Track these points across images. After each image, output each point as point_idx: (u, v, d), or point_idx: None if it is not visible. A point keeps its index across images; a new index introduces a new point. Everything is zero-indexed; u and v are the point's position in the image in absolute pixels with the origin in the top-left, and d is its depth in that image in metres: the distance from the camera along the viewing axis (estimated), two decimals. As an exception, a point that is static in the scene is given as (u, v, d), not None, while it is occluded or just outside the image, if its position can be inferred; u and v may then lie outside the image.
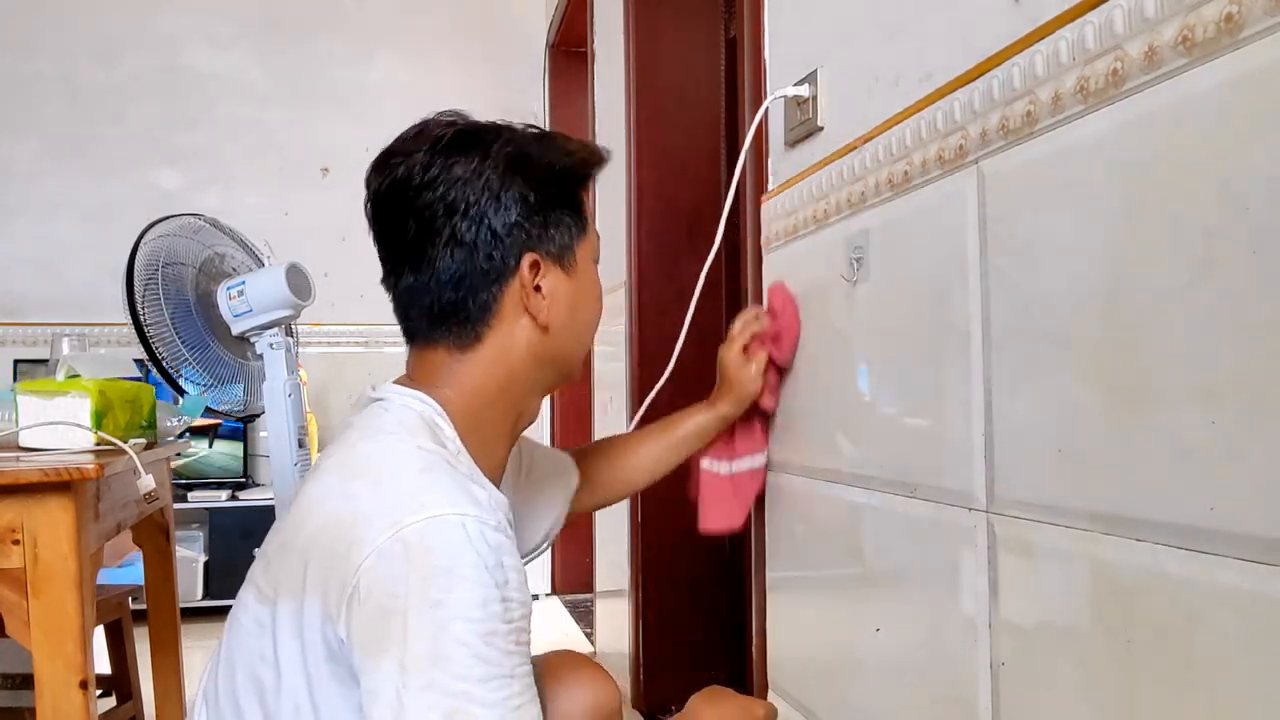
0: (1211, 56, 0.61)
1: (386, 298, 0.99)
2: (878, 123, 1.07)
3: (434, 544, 0.78)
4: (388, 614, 0.77)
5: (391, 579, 0.77)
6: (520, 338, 0.94)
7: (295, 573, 0.83)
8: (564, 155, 0.97)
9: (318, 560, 0.82)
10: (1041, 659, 0.79)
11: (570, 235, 0.96)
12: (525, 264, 0.93)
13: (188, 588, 3.19)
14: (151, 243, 1.75)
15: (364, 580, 0.78)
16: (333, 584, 0.80)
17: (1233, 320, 0.60)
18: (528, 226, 0.93)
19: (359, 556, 0.78)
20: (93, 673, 1.25)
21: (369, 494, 0.83)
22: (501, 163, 0.92)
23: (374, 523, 0.79)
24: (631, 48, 2.42)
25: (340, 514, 0.82)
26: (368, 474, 0.85)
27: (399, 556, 0.77)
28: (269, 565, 0.88)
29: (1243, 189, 0.59)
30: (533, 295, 0.93)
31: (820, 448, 1.23)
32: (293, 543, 0.86)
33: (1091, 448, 0.73)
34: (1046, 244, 0.78)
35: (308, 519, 0.86)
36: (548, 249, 0.94)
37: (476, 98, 4.05)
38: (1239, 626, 0.59)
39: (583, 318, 1.00)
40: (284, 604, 0.84)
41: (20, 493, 1.21)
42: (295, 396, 1.76)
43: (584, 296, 0.99)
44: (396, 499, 0.81)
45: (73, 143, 3.73)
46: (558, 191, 0.95)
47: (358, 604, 0.78)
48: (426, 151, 0.92)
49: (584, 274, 0.98)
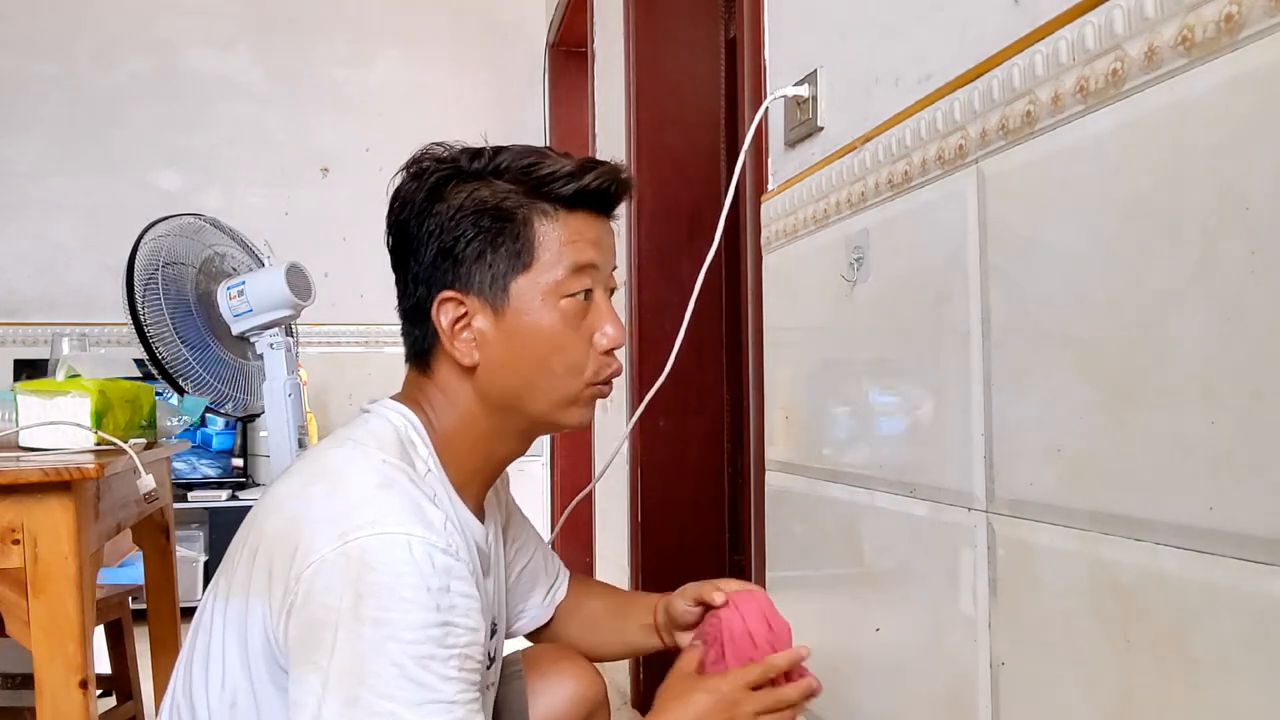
0: (1211, 56, 0.61)
1: (386, 298, 0.99)
2: (878, 123, 1.07)
3: (376, 560, 0.76)
4: (320, 625, 0.76)
5: (329, 590, 0.76)
6: (449, 377, 0.91)
7: (247, 572, 0.83)
8: (509, 185, 0.89)
9: (268, 562, 0.81)
10: (1041, 659, 0.79)
11: (501, 271, 0.87)
12: (437, 302, 0.89)
13: (188, 588, 3.18)
14: (151, 243, 1.75)
15: (303, 588, 0.77)
16: (277, 586, 0.79)
17: (1233, 320, 0.60)
18: (444, 261, 0.89)
19: (303, 563, 0.77)
20: (93, 673, 1.25)
21: (323, 499, 0.81)
22: (424, 192, 0.90)
23: (321, 531, 0.78)
24: (631, 48, 2.42)
25: (294, 517, 0.81)
26: (326, 478, 0.84)
27: (339, 569, 0.76)
28: (226, 563, 0.88)
29: (1243, 189, 0.59)
30: (453, 333, 0.89)
31: (820, 447, 1.23)
32: (249, 541, 0.85)
33: (1091, 447, 0.73)
34: (1046, 244, 0.78)
35: (267, 520, 0.85)
36: (469, 286, 0.88)
37: (476, 98, 4.09)
38: (1239, 626, 0.59)
39: (526, 357, 0.89)
40: (234, 601, 0.84)
41: (20, 492, 1.21)
42: (295, 396, 1.76)
43: (525, 336, 0.88)
44: (347, 509, 0.79)
45: (73, 143, 3.73)
46: (483, 216, 0.88)
47: (295, 611, 0.78)
48: (405, 175, 0.93)
49: (524, 314, 0.88)
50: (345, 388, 3.87)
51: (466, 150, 0.92)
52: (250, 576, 0.83)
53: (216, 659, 0.85)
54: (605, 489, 2.75)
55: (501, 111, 4.03)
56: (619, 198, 0.94)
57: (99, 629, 1.95)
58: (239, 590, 0.84)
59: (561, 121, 3.77)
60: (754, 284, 1.46)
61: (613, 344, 0.92)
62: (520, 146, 0.92)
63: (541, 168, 0.89)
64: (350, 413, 3.88)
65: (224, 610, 0.85)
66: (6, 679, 1.97)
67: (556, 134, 3.78)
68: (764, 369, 1.44)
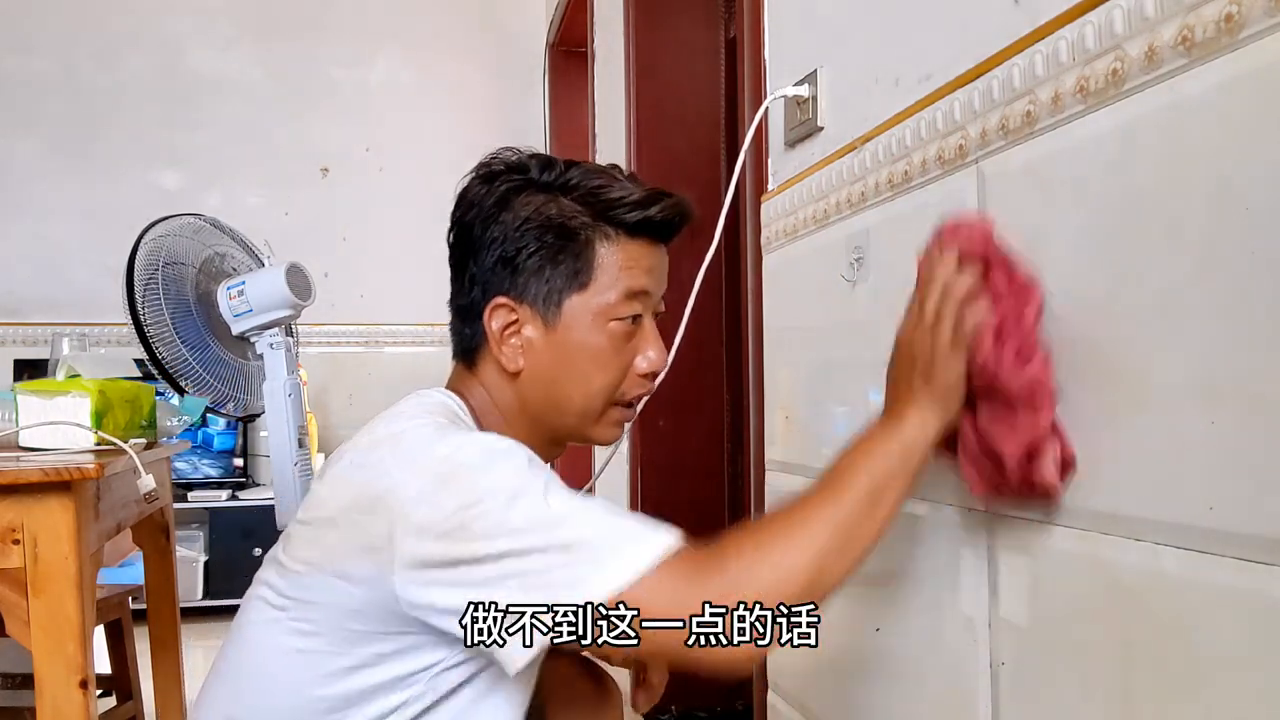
0: (1211, 56, 0.61)
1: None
2: (878, 123, 1.07)
3: (465, 458, 0.79)
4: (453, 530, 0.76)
5: (439, 505, 0.76)
6: (493, 377, 0.94)
7: (328, 542, 0.82)
8: (574, 193, 0.91)
9: (353, 528, 0.80)
10: (1041, 659, 0.79)
11: (558, 286, 0.90)
12: (490, 306, 0.92)
13: (188, 588, 3.18)
14: (151, 242, 1.75)
15: (414, 520, 0.77)
16: (376, 539, 0.78)
17: (1233, 320, 0.60)
18: (504, 268, 0.91)
19: (399, 505, 0.77)
20: (93, 673, 1.25)
21: (391, 457, 0.82)
22: (493, 198, 0.92)
23: (404, 474, 0.79)
24: (631, 48, 2.42)
25: (368, 480, 0.81)
26: (386, 443, 0.84)
27: (437, 487, 0.77)
28: (290, 542, 0.87)
29: (1242, 189, 0.59)
30: (501, 338, 0.92)
31: (820, 447, 1.23)
32: (319, 517, 0.85)
33: (1091, 447, 0.73)
34: (1046, 244, 0.78)
35: (334, 494, 0.85)
36: (524, 295, 0.91)
37: (476, 98, 4.09)
38: (1239, 626, 0.59)
39: (568, 371, 0.91)
40: (314, 574, 0.82)
41: (20, 492, 1.21)
42: (295, 396, 1.76)
43: (571, 351, 0.91)
44: (418, 450, 0.81)
45: (73, 143, 3.73)
46: (548, 232, 0.90)
47: (414, 543, 0.76)
48: (474, 177, 0.96)
49: (573, 331, 0.91)
50: (345, 388, 3.87)
51: (537, 159, 0.94)
52: (337, 545, 0.81)
53: (299, 633, 0.83)
54: (605, 488, 2.75)
55: (501, 111, 4.03)
56: (680, 229, 0.97)
57: (99, 629, 1.95)
58: (321, 561, 0.82)
59: (561, 121, 3.76)
60: (754, 284, 1.46)
61: (653, 368, 0.95)
62: (591, 165, 0.95)
63: (611, 191, 0.91)
64: (350, 413, 3.89)
65: (298, 585, 0.83)
66: (6, 679, 1.97)
67: (556, 134, 3.78)
68: (764, 369, 1.44)
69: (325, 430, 3.71)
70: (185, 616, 2.10)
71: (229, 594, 3.20)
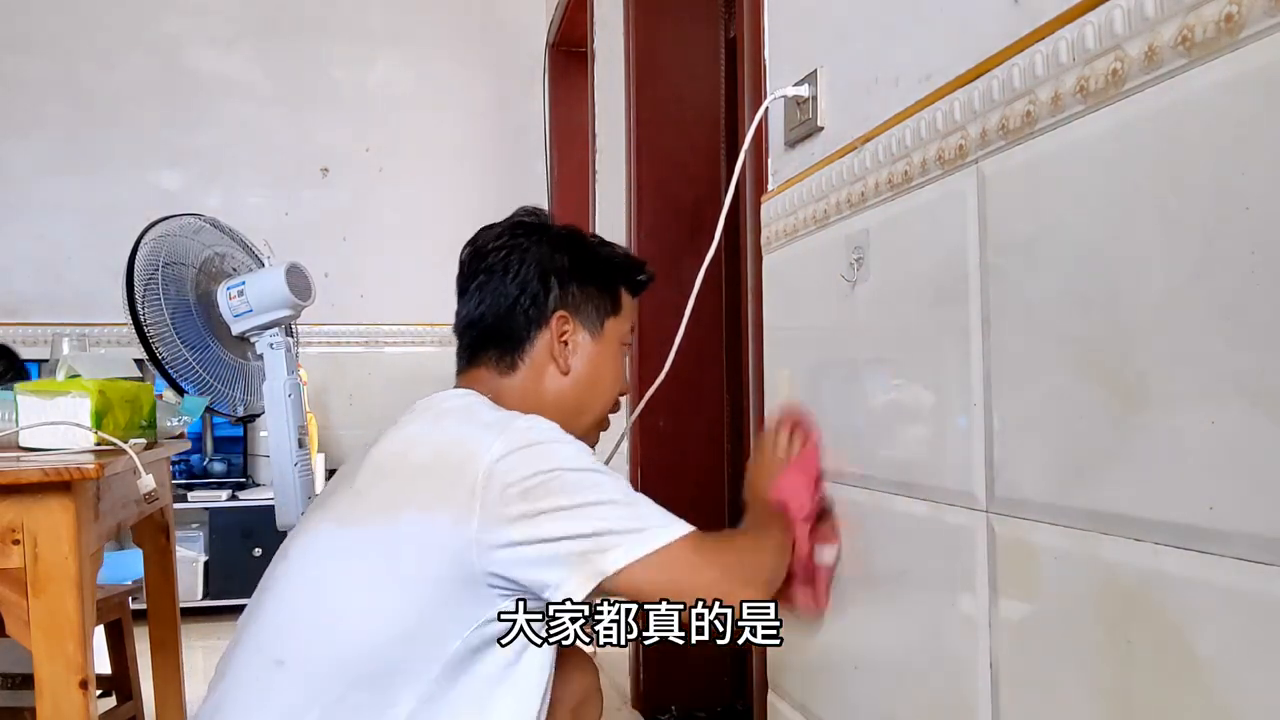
0: (1211, 56, 0.61)
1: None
2: (878, 123, 1.07)
3: (542, 429, 0.98)
4: (531, 490, 0.92)
5: (524, 465, 0.93)
6: (545, 376, 1.13)
7: (405, 493, 0.95)
8: (608, 252, 1.20)
9: (435, 480, 0.94)
10: (1041, 659, 0.79)
11: (603, 309, 1.17)
12: (555, 316, 1.13)
13: (188, 588, 3.18)
14: (151, 243, 1.75)
15: (499, 478, 0.92)
16: (458, 490, 0.92)
17: (1232, 320, 0.60)
18: (565, 290, 1.14)
19: (484, 461, 0.93)
20: (93, 673, 1.25)
21: (464, 426, 0.99)
22: (558, 237, 1.17)
23: (482, 438, 0.95)
24: (631, 48, 2.42)
25: (453, 440, 0.97)
26: (457, 414, 1.02)
27: (522, 448, 0.94)
28: (359, 498, 0.99)
29: (1243, 189, 0.59)
30: (559, 344, 1.13)
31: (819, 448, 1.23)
32: (394, 472, 0.99)
33: (1091, 447, 0.73)
34: (1046, 244, 0.78)
35: (408, 453, 0.99)
36: (579, 311, 1.15)
37: (476, 98, 4.09)
38: (1239, 626, 0.59)
39: (598, 378, 1.16)
40: (384, 523, 0.95)
41: (20, 493, 1.21)
42: (295, 396, 1.76)
43: (604, 361, 1.17)
44: (494, 421, 0.99)
45: (73, 143, 3.73)
46: (597, 272, 1.17)
47: (499, 499, 0.92)
48: (504, 227, 1.18)
49: (609, 345, 1.17)
50: (345, 388, 3.87)
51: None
52: (414, 498, 0.94)
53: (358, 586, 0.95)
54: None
55: (501, 111, 4.03)
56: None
57: (99, 629, 1.95)
58: (395, 511, 0.95)
59: (561, 121, 3.76)
60: (754, 284, 1.46)
61: (624, 391, 1.22)
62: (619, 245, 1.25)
63: (633, 260, 1.23)
64: (350, 413, 3.89)
65: (366, 536, 0.95)
66: (6, 679, 1.97)
67: (556, 134, 3.78)
68: (764, 369, 1.44)
69: (325, 430, 3.71)
70: (185, 616, 2.10)
71: (229, 594, 3.20)
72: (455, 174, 3.93)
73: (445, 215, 3.80)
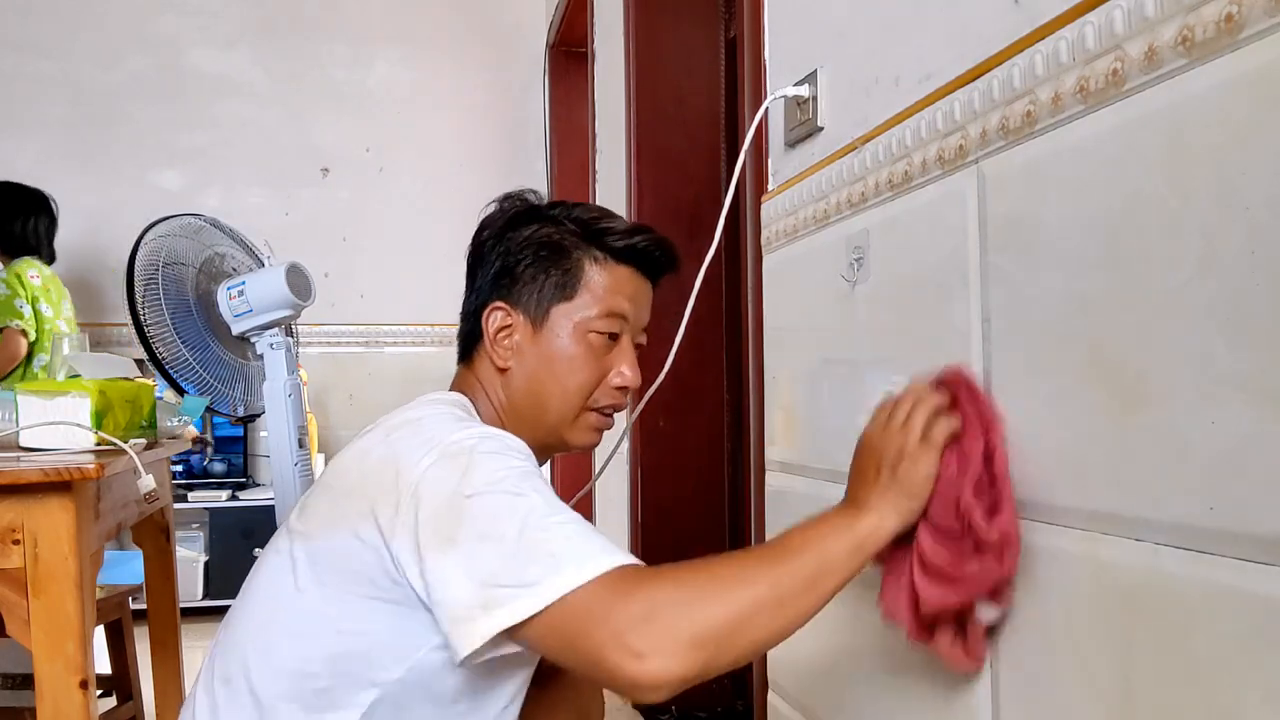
0: (1211, 56, 0.61)
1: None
2: (878, 123, 1.07)
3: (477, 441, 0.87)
4: (441, 509, 0.82)
5: (441, 480, 0.84)
6: (487, 374, 1.05)
7: (342, 508, 0.90)
8: (572, 229, 1.03)
9: (368, 494, 0.87)
10: (1041, 659, 0.79)
11: (547, 296, 1.02)
12: (488, 309, 1.04)
13: (188, 588, 3.18)
14: (152, 243, 1.75)
15: (421, 492, 0.84)
16: (384, 508, 0.85)
17: (1233, 320, 0.60)
18: (503, 279, 1.04)
19: (408, 478, 0.85)
20: (93, 673, 1.25)
21: (411, 437, 0.90)
22: (504, 219, 1.06)
23: (416, 453, 0.87)
24: (631, 48, 2.42)
25: (387, 455, 0.89)
26: (408, 426, 0.92)
27: (444, 464, 0.85)
28: (304, 511, 0.95)
29: (1243, 189, 0.59)
30: (494, 338, 1.03)
31: (821, 448, 1.23)
32: (337, 485, 0.93)
33: (1091, 447, 0.73)
34: (1046, 244, 0.78)
35: (354, 466, 0.93)
36: (518, 301, 1.03)
37: (476, 98, 4.09)
38: (1239, 626, 0.59)
39: (548, 371, 1.02)
40: (323, 537, 0.90)
41: (20, 493, 1.21)
42: (295, 396, 1.76)
43: (550, 357, 1.02)
44: (436, 436, 0.88)
45: (73, 143, 3.73)
46: (545, 255, 1.02)
47: (411, 514, 0.83)
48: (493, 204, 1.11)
49: (556, 336, 1.02)
50: (345, 388, 3.87)
51: (548, 200, 1.11)
52: (350, 510, 0.88)
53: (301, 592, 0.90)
54: (605, 489, 2.75)
55: (501, 111, 4.03)
56: (663, 266, 1.08)
57: (99, 629, 1.95)
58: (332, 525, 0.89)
59: (561, 121, 3.76)
60: (754, 284, 1.46)
61: (626, 383, 1.04)
62: (593, 204, 1.10)
63: (601, 221, 1.04)
64: (350, 412, 3.89)
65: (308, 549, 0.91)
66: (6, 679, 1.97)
67: (556, 134, 3.78)
68: (764, 369, 1.44)
69: (325, 430, 3.71)
70: (185, 616, 2.10)
71: (229, 594, 3.18)
72: (455, 174, 3.93)
73: (445, 215, 3.80)
